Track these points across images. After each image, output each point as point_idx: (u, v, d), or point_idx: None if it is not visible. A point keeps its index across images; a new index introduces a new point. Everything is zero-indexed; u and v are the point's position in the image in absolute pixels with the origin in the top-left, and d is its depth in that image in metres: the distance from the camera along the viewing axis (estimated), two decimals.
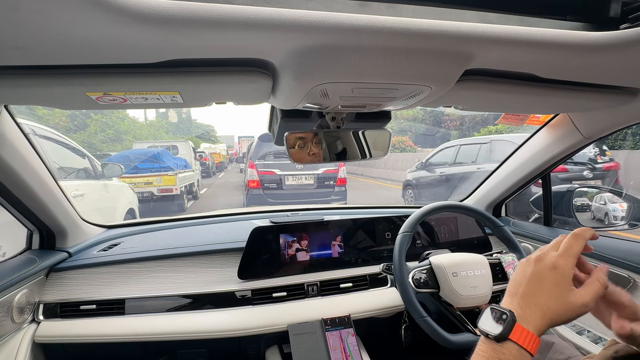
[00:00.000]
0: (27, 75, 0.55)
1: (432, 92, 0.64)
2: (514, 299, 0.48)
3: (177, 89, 0.61)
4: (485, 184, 1.52)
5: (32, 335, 1.00)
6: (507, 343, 0.44)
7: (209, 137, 25.96)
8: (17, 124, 0.87)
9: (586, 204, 1.89)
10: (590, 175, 4.45)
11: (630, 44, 0.50)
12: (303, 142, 0.85)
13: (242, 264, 1.17)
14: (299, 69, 0.54)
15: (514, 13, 0.49)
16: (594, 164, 4.59)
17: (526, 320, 0.45)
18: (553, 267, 0.47)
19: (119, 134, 12.27)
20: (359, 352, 1.04)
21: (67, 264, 1.13)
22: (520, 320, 0.45)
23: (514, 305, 0.47)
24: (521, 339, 0.44)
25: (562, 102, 0.82)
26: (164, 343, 1.08)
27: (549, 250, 0.50)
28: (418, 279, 1.01)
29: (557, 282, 0.47)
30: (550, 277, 0.47)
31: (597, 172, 4.56)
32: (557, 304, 0.46)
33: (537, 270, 0.49)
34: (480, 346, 0.47)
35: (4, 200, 0.96)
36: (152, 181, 6.32)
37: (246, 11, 0.40)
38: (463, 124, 17.23)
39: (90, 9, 0.36)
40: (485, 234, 1.43)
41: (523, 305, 0.47)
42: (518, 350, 0.44)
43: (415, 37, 0.46)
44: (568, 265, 0.47)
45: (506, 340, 0.44)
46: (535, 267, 0.49)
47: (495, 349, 0.45)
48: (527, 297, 0.47)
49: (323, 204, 3.71)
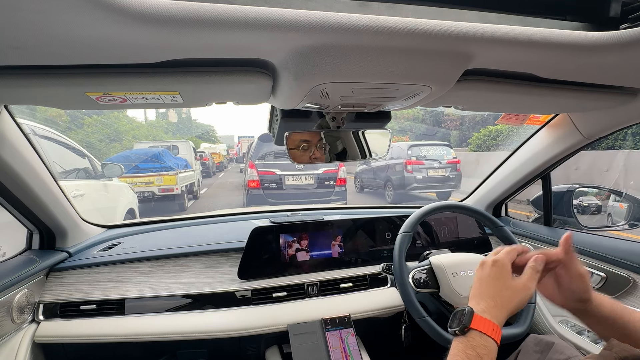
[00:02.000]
0: (27, 75, 0.55)
1: (432, 92, 0.64)
2: (473, 300, 0.58)
3: (177, 89, 0.61)
4: (485, 184, 1.52)
5: (32, 335, 1.00)
6: (470, 333, 0.52)
7: (209, 137, 25.95)
8: (17, 124, 0.86)
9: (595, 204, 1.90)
10: (438, 165, 7.16)
11: (630, 44, 0.50)
12: (307, 145, 0.85)
13: (242, 264, 1.17)
14: (299, 69, 0.54)
15: (514, 13, 0.49)
16: (441, 160, 7.25)
17: (482, 311, 0.54)
18: (492, 263, 0.59)
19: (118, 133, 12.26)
20: (359, 352, 1.03)
21: (67, 264, 1.13)
22: (478, 312, 0.54)
23: (472, 303, 0.57)
24: (480, 325, 0.52)
25: (562, 102, 0.82)
26: (164, 343, 1.08)
27: (490, 254, 0.62)
28: (418, 279, 1.01)
29: (498, 274, 0.58)
30: (492, 272, 0.58)
31: (443, 165, 7.20)
32: (503, 291, 0.56)
33: (481, 271, 0.60)
34: (452, 345, 0.54)
35: (4, 200, 0.96)
36: (153, 181, 6.40)
37: (246, 11, 0.40)
38: (463, 124, 17.22)
39: (90, 9, 0.36)
40: (485, 234, 1.43)
41: (479, 301, 0.56)
42: (480, 336, 0.51)
43: (416, 37, 0.46)
44: (505, 259, 0.59)
45: (469, 331, 0.52)
46: (480, 269, 0.61)
47: (463, 341, 0.52)
48: (481, 295, 0.57)
49: (323, 204, 3.70)
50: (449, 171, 7.23)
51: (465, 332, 0.53)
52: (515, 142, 1.36)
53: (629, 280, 1.01)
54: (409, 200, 7.59)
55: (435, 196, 7.58)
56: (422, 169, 7.16)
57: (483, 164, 9.11)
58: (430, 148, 7.65)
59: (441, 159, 7.32)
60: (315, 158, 0.87)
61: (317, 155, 0.87)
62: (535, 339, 0.93)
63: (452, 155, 7.54)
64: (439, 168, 7.21)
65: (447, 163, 7.22)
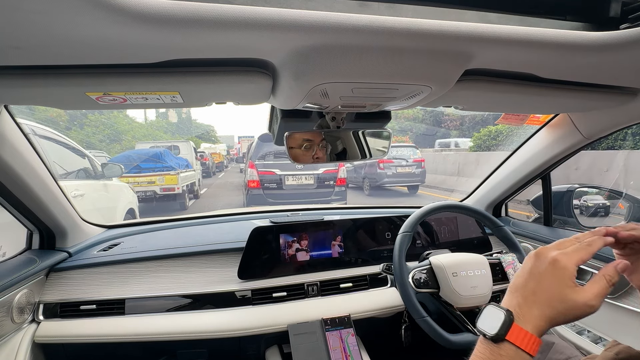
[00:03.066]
0: (27, 75, 0.55)
1: (432, 92, 0.64)
2: (513, 297, 0.46)
3: (177, 89, 0.61)
4: (485, 184, 1.52)
5: (32, 335, 1.00)
6: (504, 344, 0.43)
7: (209, 137, 25.96)
8: (17, 124, 0.87)
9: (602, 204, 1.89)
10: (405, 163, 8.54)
11: (630, 44, 0.50)
12: (310, 145, 0.85)
13: (242, 264, 1.17)
14: (299, 69, 0.54)
15: (514, 13, 0.49)
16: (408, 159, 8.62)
17: (524, 319, 0.43)
18: (552, 261, 0.45)
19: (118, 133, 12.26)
20: (359, 352, 1.04)
21: (67, 264, 1.13)
22: (518, 320, 0.43)
23: (513, 303, 0.45)
24: (518, 339, 0.42)
25: (562, 102, 0.82)
26: (164, 343, 1.08)
27: (551, 247, 0.48)
28: (418, 279, 1.01)
29: (557, 277, 0.44)
30: (549, 272, 0.45)
31: (410, 163, 8.58)
32: (558, 301, 0.44)
33: (536, 265, 0.46)
34: (478, 346, 0.46)
35: (4, 200, 0.96)
36: (155, 180, 6.54)
37: (246, 11, 0.40)
38: (463, 124, 17.23)
39: (90, 9, 0.36)
40: (485, 234, 1.43)
41: (522, 303, 0.45)
42: (515, 351, 0.42)
43: (415, 37, 0.46)
44: (570, 261, 0.45)
45: (503, 341, 0.43)
46: (535, 262, 0.47)
47: (492, 350, 0.43)
48: (527, 295, 0.45)
49: (323, 204, 3.71)
50: (415, 168, 8.67)
51: (497, 341, 0.43)
52: (515, 142, 1.36)
53: (629, 280, 1.01)
54: (384, 192, 8.96)
55: (406, 190, 9.21)
56: (392, 167, 8.54)
57: (483, 163, 9.24)
58: (399, 149, 9.01)
59: (408, 158, 8.69)
60: (318, 158, 0.87)
61: (319, 155, 0.86)
62: None
63: (418, 154, 9.04)
64: (406, 166, 8.61)
65: (413, 161, 8.67)
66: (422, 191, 9.26)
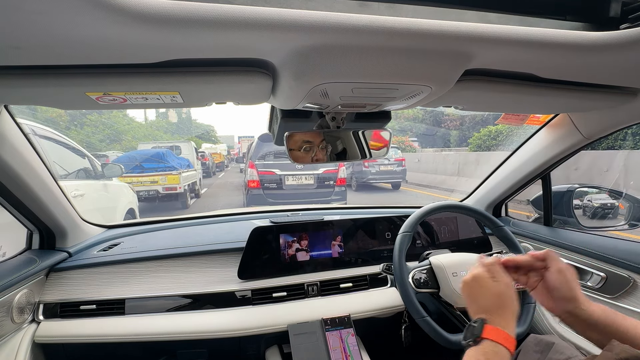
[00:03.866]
0: (27, 75, 0.55)
1: (432, 92, 0.64)
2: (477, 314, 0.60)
3: (177, 89, 0.61)
4: (485, 184, 1.52)
5: (32, 335, 1.00)
6: (483, 342, 0.54)
7: (209, 137, 25.98)
8: (17, 124, 0.87)
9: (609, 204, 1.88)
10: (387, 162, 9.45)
11: (630, 44, 0.50)
12: (310, 146, 0.85)
13: (242, 264, 1.17)
14: (299, 69, 0.54)
15: (514, 13, 0.49)
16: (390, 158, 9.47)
17: (492, 321, 0.56)
18: (471, 278, 0.63)
19: (118, 133, 12.27)
20: (359, 352, 1.04)
21: (67, 264, 1.13)
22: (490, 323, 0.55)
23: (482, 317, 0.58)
24: (492, 334, 0.54)
25: (562, 102, 0.82)
26: (164, 343, 1.08)
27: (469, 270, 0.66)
28: (418, 279, 1.01)
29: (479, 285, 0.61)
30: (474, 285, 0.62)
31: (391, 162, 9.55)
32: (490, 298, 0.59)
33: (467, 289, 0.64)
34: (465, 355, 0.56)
35: (4, 200, 0.96)
36: (157, 180, 6.67)
37: (246, 11, 0.40)
38: (463, 124, 17.24)
39: (90, 9, 0.36)
40: (485, 234, 1.43)
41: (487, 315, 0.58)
42: (493, 345, 0.53)
43: (415, 37, 0.46)
44: (478, 268, 0.63)
45: (482, 340, 0.54)
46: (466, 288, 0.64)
47: (477, 350, 0.54)
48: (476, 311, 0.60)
49: (323, 204, 3.70)
50: (396, 167, 9.72)
51: (478, 342, 0.54)
52: (515, 142, 1.36)
53: (629, 280, 1.01)
54: (369, 188, 10.00)
55: (390, 186, 10.20)
56: (375, 165, 9.50)
57: (483, 163, 9.32)
58: None
59: (390, 158, 9.56)
60: (317, 159, 0.86)
61: (319, 156, 0.86)
62: (536, 339, 0.93)
63: (399, 154, 10.34)
64: (388, 164, 9.60)
65: (395, 160, 9.72)
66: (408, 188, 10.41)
